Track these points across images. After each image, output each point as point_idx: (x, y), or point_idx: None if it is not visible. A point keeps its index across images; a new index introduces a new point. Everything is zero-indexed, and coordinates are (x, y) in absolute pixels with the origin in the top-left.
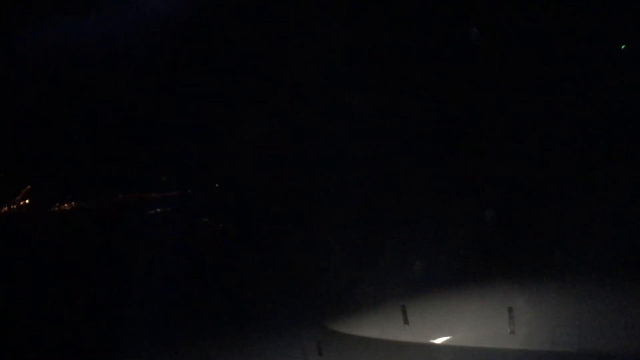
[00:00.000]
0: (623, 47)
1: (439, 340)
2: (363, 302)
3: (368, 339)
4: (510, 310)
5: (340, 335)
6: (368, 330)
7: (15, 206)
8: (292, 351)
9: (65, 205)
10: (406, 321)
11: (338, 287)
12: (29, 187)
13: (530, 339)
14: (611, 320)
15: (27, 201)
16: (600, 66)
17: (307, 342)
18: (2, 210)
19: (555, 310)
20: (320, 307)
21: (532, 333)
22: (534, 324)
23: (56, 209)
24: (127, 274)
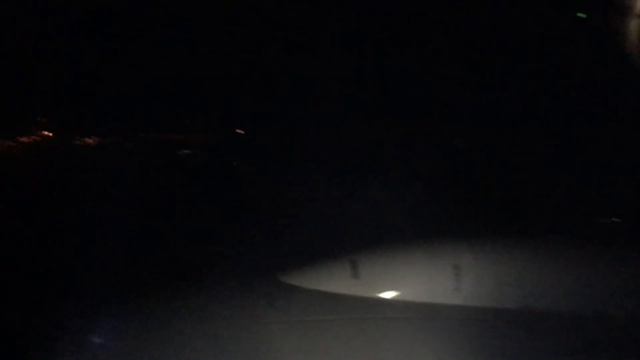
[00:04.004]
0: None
1: (386, 295)
2: (313, 254)
3: (318, 291)
4: (455, 267)
5: (291, 287)
6: (318, 283)
7: (38, 137)
8: (242, 303)
9: (87, 139)
10: (355, 275)
11: (291, 237)
12: (43, 119)
13: (474, 295)
14: (555, 279)
15: (49, 132)
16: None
17: (256, 293)
18: (25, 139)
19: (500, 269)
20: (271, 258)
21: (477, 290)
22: (479, 281)
23: (79, 142)
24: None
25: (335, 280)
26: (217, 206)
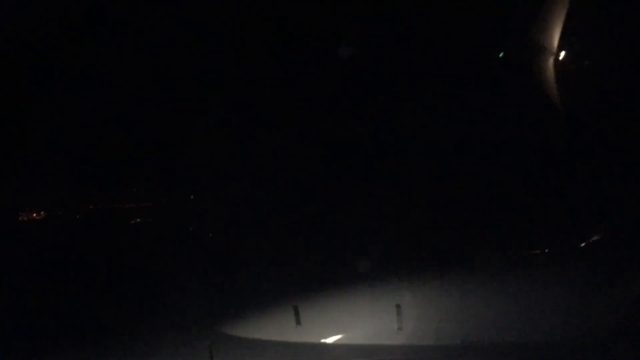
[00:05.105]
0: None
1: (330, 340)
2: (255, 304)
3: (260, 340)
4: (398, 307)
5: (232, 338)
6: (260, 332)
7: None
8: (183, 356)
9: (34, 214)
10: (298, 322)
11: (230, 287)
12: None
13: (416, 334)
14: (492, 313)
15: None
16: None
17: (197, 345)
18: None
19: (440, 306)
20: (211, 309)
21: (419, 328)
22: (421, 319)
23: (25, 218)
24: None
25: (277, 328)
26: (162, 263)
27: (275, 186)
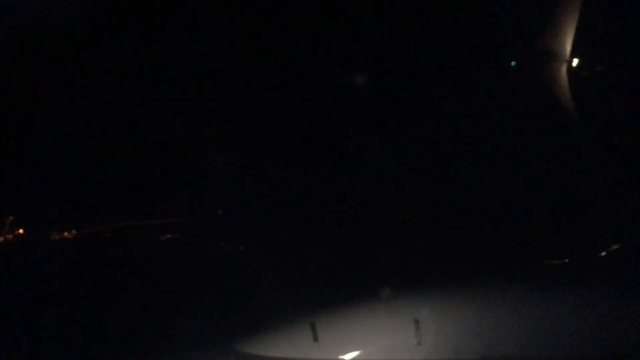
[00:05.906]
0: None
1: (348, 356)
2: (272, 321)
3: (277, 358)
4: (416, 322)
5: (249, 356)
6: (277, 350)
7: (10, 236)
8: None
9: (65, 233)
10: (316, 338)
11: (246, 305)
12: (11, 217)
13: (435, 349)
14: (511, 326)
15: (21, 231)
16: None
17: None
18: None
19: (459, 320)
20: (228, 326)
21: (438, 343)
22: (439, 334)
23: (57, 237)
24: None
25: (295, 346)
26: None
27: (295, 202)
